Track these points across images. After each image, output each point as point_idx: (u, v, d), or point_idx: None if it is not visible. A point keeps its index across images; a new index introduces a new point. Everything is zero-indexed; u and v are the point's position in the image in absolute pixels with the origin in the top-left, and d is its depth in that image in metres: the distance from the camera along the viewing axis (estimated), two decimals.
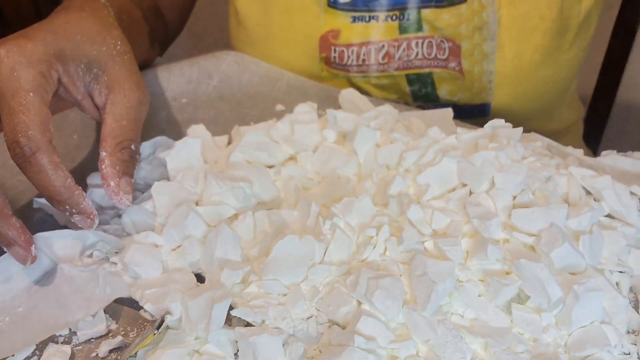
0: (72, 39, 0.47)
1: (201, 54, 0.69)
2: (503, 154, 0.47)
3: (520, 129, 0.51)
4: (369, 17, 0.69)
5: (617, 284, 0.43)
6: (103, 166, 0.46)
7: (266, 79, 0.68)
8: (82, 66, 0.48)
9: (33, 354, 0.40)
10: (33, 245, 0.43)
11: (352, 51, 0.70)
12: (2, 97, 0.43)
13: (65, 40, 0.47)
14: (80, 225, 0.45)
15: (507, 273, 0.42)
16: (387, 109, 0.55)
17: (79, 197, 0.43)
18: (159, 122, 0.64)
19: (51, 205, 0.50)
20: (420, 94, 0.72)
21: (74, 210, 0.44)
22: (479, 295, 0.41)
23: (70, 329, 0.41)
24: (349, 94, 0.61)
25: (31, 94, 0.43)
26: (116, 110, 0.48)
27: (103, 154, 0.46)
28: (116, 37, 0.50)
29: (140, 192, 0.52)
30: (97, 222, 0.45)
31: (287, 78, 0.67)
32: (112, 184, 0.46)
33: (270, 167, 0.52)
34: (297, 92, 0.66)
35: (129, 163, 0.47)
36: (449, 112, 0.59)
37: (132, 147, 0.47)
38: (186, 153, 0.51)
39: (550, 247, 0.42)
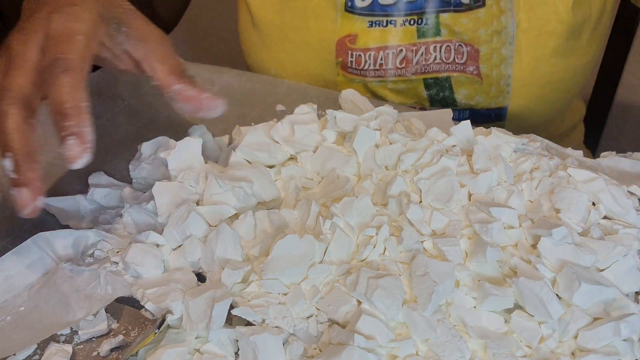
0: (103, 2, 0.49)
1: (202, 55, 0.69)
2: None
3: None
4: (387, 21, 0.68)
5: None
6: (187, 90, 0.48)
7: (267, 85, 0.68)
8: (114, 25, 0.50)
9: (34, 353, 0.40)
10: (40, 198, 0.42)
11: (370, 55, 0.70)
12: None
13: (99, 4, 0.49)
14: (68, 153, 0.41)
15: (507, 276, 0.42)
16: (387, 109, 0.55)
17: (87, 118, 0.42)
18: (160, 122, 0.64)
19: (54, 206, 0.50)
20: (438, 98, 0.71)
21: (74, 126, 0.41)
22: (473, 307, 0.41)
23: (71, 328, 0.41)
24: (349, 94, 0.61)
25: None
26: (158, 55, 0.50)
27: (177, 86, 0.48)
28: (125, 1, 0.53)
29: (140, 192, 0.52)
30: (87, 157, 0.41)
31: (287, 84, 0.68)
32: (205, 95, 0.48)
33: (271, 167, 0.52)
34: (297, 93, 0.66)
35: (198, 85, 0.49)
36: (448, 112, 0.59)
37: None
38: (187, 153, 0.52)
39: (569, 292, 0.40)
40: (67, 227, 0.49)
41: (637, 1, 0.83)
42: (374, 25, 0.68)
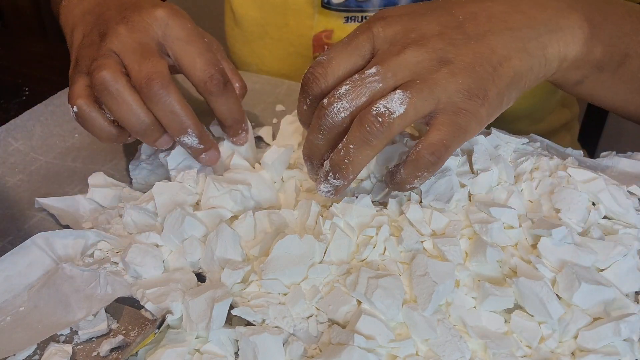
0: None
1: None
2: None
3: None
4: (362, 17, 0.69)
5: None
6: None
7: (267, 85, 0.68)
8: None
9: (34, 353, 0.40)
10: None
11: None
12: (184, 41, 0.50)
13: None
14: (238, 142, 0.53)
15: (507, 276, 0.42)
16: None
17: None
18: None
19: (54, 206, 0.50)
20: None
21: (243, 125, 0.53)
22: (473, 307, 0.41)
23: (71, 328, 0.41)
24: None
25: (205, 39, 0.51)
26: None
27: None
28: None
29: (140, 192, 0.52)
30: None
31: (287, 84, 0.68)
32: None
33: None
34: (297, 93, 0.66)
35: None
36: None
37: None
38: (187, 153, 0.52)
39: (569, 292, 0.40)
40: (67, 227, 0.49)
41: None
42: (349, 20, 0.70)
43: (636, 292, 0.42)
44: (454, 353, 0.38)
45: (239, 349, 0.39)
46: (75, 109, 0.48)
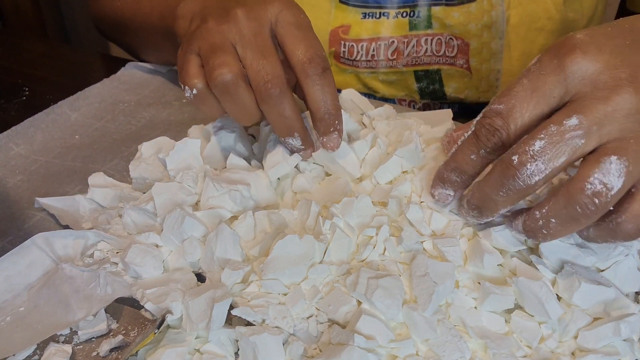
0: None
1: None
2: None
3: None
4: (380, 13, 0.70)
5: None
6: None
7: None
8: None
9: (34, 353, 0.40)
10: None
11: (362, 46, 0.71)
12: (294, 26, 0.49)
13: None
14: (330, 144, 0.49)
15: (508, 276, 0.42)
16: (387, 110, 0.55)
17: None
18: (160, 122, 0.64)
19: (54, 206, 0.50)
20: (428, 90, 0.72)
21: (336, 123, 0.49)
22: (474, 307, 0.41)
23: (71, 329, 0.41)
24: (349, 94, 0.61)
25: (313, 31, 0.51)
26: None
27: None
28: None
29: (140, 192, 0.52)
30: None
31: None
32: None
33: None
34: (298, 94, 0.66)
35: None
36: (448, 112, 0.59)
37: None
38: (186, 153, 0.52)
39: (569, 292, 0.40)
40: (67, 227, 0.49)
41: (633, 6, 0.83)
42: (367, 16, 0.70)
43: (636, 292, 0.42)
44: (454, 353, 0.38)
45: (239, 349, 0.39)
46: (194, 91, 0.48)
